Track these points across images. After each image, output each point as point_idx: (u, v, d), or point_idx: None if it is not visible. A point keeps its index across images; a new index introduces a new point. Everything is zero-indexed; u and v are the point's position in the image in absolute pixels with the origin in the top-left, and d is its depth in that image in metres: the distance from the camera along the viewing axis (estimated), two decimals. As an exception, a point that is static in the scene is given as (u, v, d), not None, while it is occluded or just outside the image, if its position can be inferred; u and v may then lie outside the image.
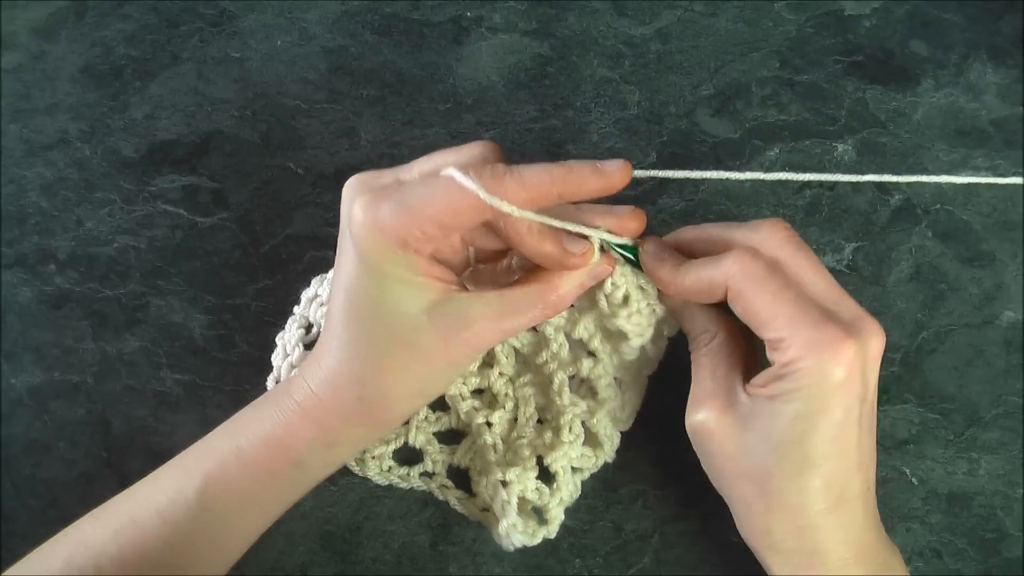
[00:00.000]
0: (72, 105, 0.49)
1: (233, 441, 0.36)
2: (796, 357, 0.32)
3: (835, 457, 0.33)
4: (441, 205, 0.32)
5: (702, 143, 0.48)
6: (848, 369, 0.32)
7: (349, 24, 0.50)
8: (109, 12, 0.51)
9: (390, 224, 0.32)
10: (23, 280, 0.46)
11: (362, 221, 0.32)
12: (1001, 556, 0.42)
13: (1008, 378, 0.44)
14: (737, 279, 0.33)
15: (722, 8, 0.50)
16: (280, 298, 0.45)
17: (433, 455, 0.43)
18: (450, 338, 0.34)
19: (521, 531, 0.38)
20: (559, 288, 0.35)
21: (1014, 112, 0.47)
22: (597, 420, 0.41)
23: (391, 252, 0.32)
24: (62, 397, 0.45)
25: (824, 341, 0.32)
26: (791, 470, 0.33)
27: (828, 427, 0.32)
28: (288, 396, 0.36)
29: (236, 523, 0.36)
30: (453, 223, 0.32)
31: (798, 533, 0.34)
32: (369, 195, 0.33)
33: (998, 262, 0.45)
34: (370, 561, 0.42)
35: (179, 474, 0.36)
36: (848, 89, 0.48)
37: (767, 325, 0.33)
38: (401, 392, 0.35)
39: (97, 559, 0.34)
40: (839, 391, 0.32)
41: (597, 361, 0.41)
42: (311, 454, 0.36)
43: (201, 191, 0.47)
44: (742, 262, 0.33)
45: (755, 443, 0.34)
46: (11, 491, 0.43)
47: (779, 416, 0.33)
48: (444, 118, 0.48)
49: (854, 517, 0.34)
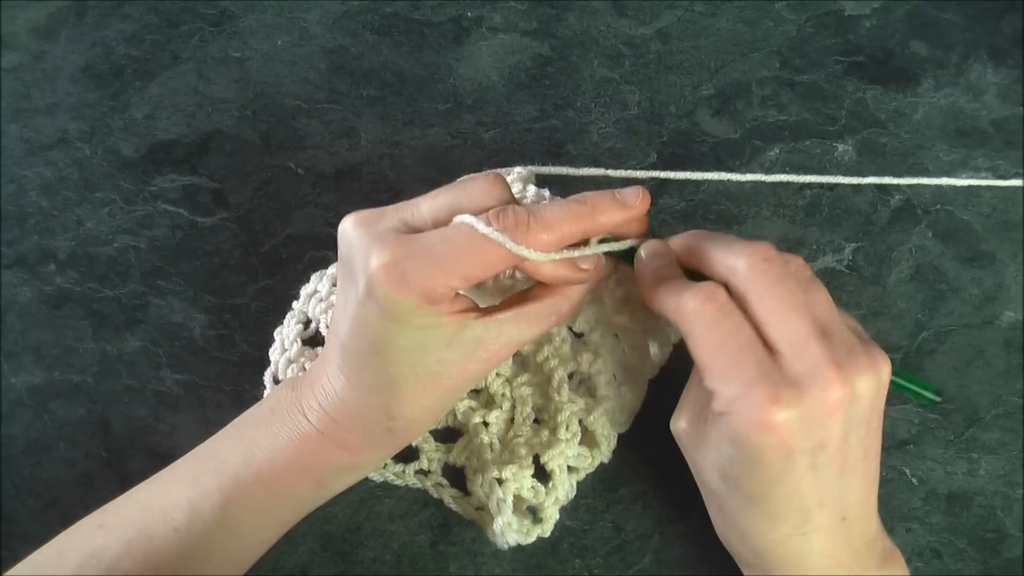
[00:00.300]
0: (72, 105, 0.49)
1: (251, 461, 0.35)
2: (723, 411, 0.31)
3: (781, 499, 0.32)
4: (466, 259, 0.31)
5: (702, 143, 0.48)
6: (776, 433, 0.30)
7: (349, 24, 0.50)
8: (109, 12, 0.51)
9: (416, 285, 0.31)
10: (23, 280, 0.46)
11: (387, 281, 0.31)
12: (1001, 556, 0.42)
13: (1008, 378, 0.44)
14: (687, 319, 0.32)
15: (722, 8, 0.50)
16: (280, 298, 0.45)
17: (429, 453, 0.43)
18: (470, 362, 0.34)
19: (516, 530, 0.38)
20: (571, 298, 0.36)
21: (1014, 112, 0.47)
22: (594, 418, 0.41)
23: (418, 307, 0.32)
24: (62, 397, 0.45)
25: (748, 404, 0.30)
26: (737, 500, 0.33)
27: (765, 476, 0.31)
28: (306, 421, 0.35)
29: (252, 538, 0.37)
30: (479, 275, 0.32)
31: (754, 554, 0.34)
32: (389, 252, 0.32)
33: (998, 262, 0.45)
34: (370, 561, 0.42)
35: (195, 492, 0.35)
36: (848, 89, 0.48)
37: (704, 372, 0.32)
38: (426, 416, 0.36)
39: (109, 571, 0.34)
40: (770, 451, 0.31)
41: (597, 357, 0.41)
42: (334, 477, 0.37)
43: (201, 191, 0.47)
44: (696, 301, 0.32)
45: (710, 465, 0.34)
46: (11, 491, 0.43)
47: (723, 453, 0.32)
48: (444, 118, 0.48)
49: (817, 545, 0.33)
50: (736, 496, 0.33)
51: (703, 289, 0.32)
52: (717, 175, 0.38)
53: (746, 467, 0.32)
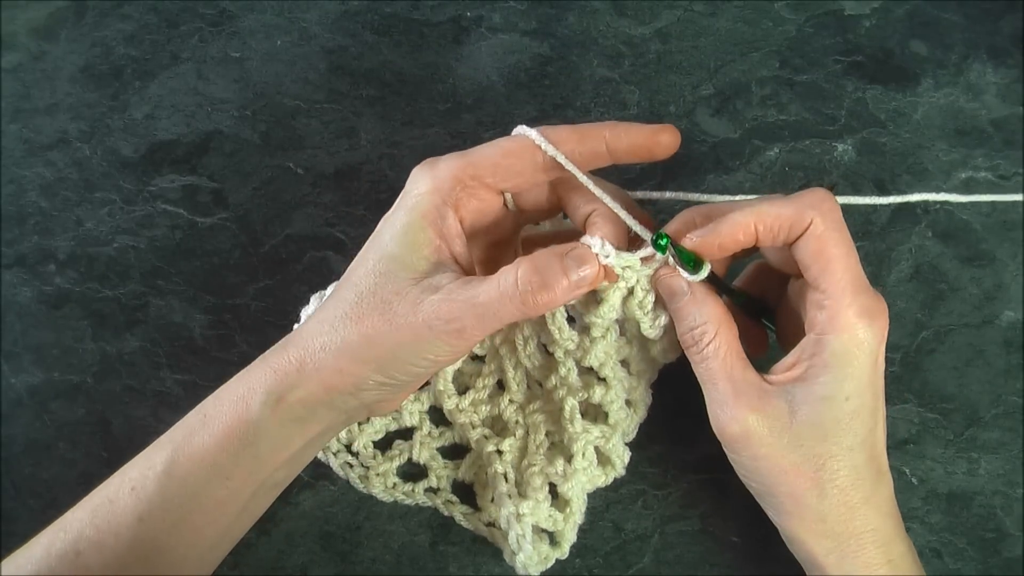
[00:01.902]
0: (72, 105, 0.49)
1: (201, 408, 0.36)
2: (845, 324, 0.33)
3: (878, 421, 0.34)
4: (495, 147, 0.36)
5: (702, 143, 0.48)
6: (883, 339, 0.34)
7: (349, 24, 0.50)
8: (109, 12, 0.51)
9: (444, 164, 0.35)
10: (23, 280, 0.46)
11: (420, 167, 0.36)
12: (1001, 556, 0.42)
13: (1008, 378, 0.44)
14: (826, 220, 0.33)
15: (722, 8, 0.50)
16: (280, 298, 0.45)
17: (437, 470, 0.43)
18: (421, 302, 0.33)
19: (536, 562, 0.39)
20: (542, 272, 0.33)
21: (1014, 112, 0.47)
22: (612, 445, 0.40)
23: (434, 192, 0.35)
24: (62, 397, 0.45)
25: (875, 310, 0.33)
26: (846, 446, 0.34)
27: (876, 384, 0.34)
28: (262, 357, 0.36)
29: (204, 495, 0.35)
30: (505, 164, 0.35)
31: (849, 514, 0.34)
32: (432, 160, 0.36)
33: (998, 262, 0.45)
34: (370, 561, 0.42)
35: (152, 449, 0.36)
36: (848, 89, 0.48)
37: (832, 279, 0.33)
38: (352, 351, 0.34)
39: (76, 544, 0.34)
40: (878, 356, 0.34)
41: (608, 388, 0.40)
42: (263, 411, 0.34)
43: (201, 191, 0.47)
44: (830, 203, 0.33)
45: (804, 431, 0.33)
46: (11, 491, 0.43)
47: (825, 391, 0.33)
48: (444, 118, 0.48)
49: (889, 490, 0.35)
50: (845, 441, 0.34)
51: (816, 192, 0.34)
52: (708, 197, 0.39)
53: (862, 382, 0.33)
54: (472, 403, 0.42)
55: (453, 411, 0.42)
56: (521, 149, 0.35)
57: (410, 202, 0.35)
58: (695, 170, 0.47)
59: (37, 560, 0.34)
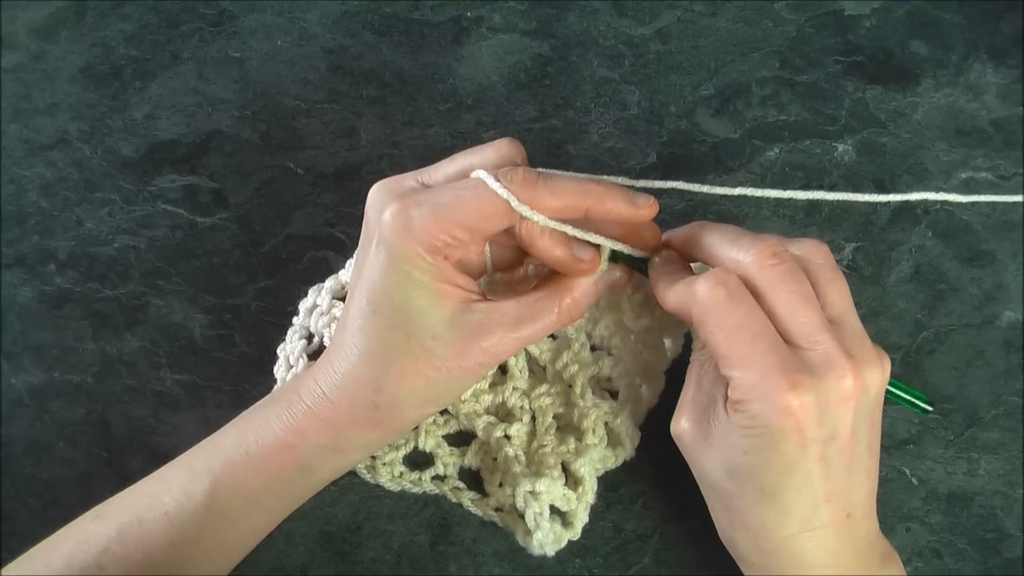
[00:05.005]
0: (72, 105, 0.49)
1: (241, 443, 0.36)
2: (743, 399, 0.32)
3: (793, 491, 0.32)
4: (471, 210, 0.32)
5: (702, 143, 0.48)
6: (793, 418, 0.31)
7: (349, 24, 0.50)
8: (109, 12, 0.51)
9: (420, 229, 0.32)
10: (23, 280, 0.46)
11: (393, 226, 0.32)
12: (1001, 556, 0.42)
13: (1008, 378, 0.44)
14: (702, 306, 0.32)
15: (722, 8, 0.50)
16: (280, 298, 0.45)
17: (444, 458, 0.43)
18: (467, 347, 0.34)
19: (552, 541, 0.39)
20: (573, 292, 0.35)
21: (1014, 112, 0.47)
22: (621, 421, 0.41)
23: (420, 257, 0.32)
24: (62, 397, 0.45)
25: (767, 389, 0.31)
26: (748, 497, 0.33)
27: (780, 465, 0.32)
28: (298, 398, 0.36)
29: (242, 525, 0.36)
30: (483, 228, 0.33)
31: (761, 553, 0.34)
32: (399, 201, 0.33)
33: (998, 262, 0.45)
34: (370, 561, 0.42)
35: (186, 475, 0.36)
36: (848, 89, 0.48)
37: (721, 361, 0.32)
38: (414, 399, 0.35)
39: (100, 558, 0.34)
40: (786, 437, 0.31)
41: (618, 361, 0.41)
42: (319, 458, 0.36)
43: (201, 191, 0.47)
44: (708, 285, 0.32)
45: (718, 464, 0.34)
46: (11, 491, 0.43)
47: (736, 445, 0.33)
48: (444, 118, 0.48)
49: (824, 542, 0.33)
50: (747, 491, 0.33)
51: (714, 274, 0.33)
52: (710, 188, 0.38)
53: (761, 457, 0.32)
54: (474, 393, 0.42)
55: (456, 402, 0.42)
56: (499, 214, 0.33)
57: (401, 267, 0.33)
58: (695, 170, 0.47)
59: (58, 568, 0.34)
